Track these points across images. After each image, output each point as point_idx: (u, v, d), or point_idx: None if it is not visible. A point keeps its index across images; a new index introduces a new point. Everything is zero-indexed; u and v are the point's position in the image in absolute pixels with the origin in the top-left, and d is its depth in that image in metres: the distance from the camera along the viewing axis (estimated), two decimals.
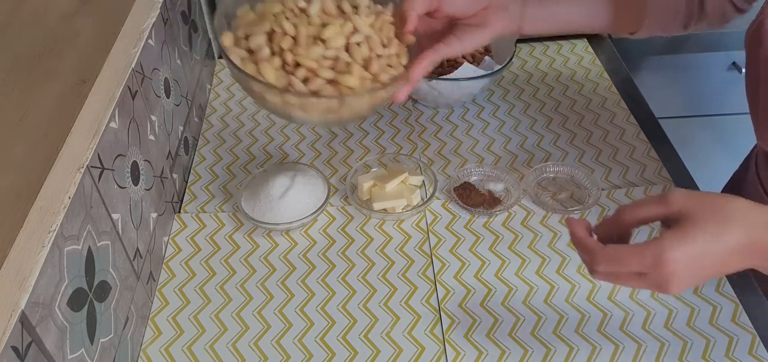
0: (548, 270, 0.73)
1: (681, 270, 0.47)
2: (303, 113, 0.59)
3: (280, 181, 0.78)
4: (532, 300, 0.70)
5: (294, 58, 0.57)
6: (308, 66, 0.57)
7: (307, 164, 0.86)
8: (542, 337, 0.66)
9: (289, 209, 0.76)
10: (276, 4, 0.60)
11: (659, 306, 0.68)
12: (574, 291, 0.70)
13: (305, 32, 0.58)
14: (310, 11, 0.59)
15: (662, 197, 0.50)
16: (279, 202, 0.76)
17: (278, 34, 0.58)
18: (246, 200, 0.79)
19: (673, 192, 0.50)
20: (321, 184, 0.80)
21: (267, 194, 0.77)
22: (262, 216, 0.76)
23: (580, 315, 0.68)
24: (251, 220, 0.76)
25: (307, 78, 0.57)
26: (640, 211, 0.51)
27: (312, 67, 0.57)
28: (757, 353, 0.63)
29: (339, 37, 0.59)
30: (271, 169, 0.83)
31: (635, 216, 0.51)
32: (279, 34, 0.58)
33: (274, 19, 0.59)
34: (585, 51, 1.10)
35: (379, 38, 0.61)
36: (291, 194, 0.77)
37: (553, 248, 0.75)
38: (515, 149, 0.90)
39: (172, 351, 0.67)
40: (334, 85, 0.58)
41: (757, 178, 0.70)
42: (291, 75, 0.57)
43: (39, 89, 0.57)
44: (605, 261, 0.49)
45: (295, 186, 0.78)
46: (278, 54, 0.58)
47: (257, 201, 0.77)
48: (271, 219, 0.76)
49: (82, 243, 0.54)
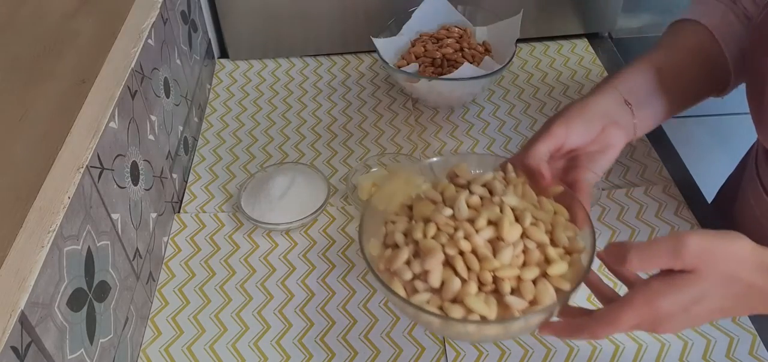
0: None
1: (674, 315, 0.48)
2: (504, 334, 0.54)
3: (280, 181, 0.78)
4: None
5: (483, 273, 0.51)
6: (507, 275, 0.51)
7: (306, 164, 0.86)
8: (543, 337, 0.66)
9: (289, 209, 0.76)
10: (421, 229, 0.55)
11: None
12: None
13: (482, 240, 0.52)
14: (459, 214, 0.54)
15: (677, 250, 0.47)
16: (279, 202, 0.76)
17: (453, 258, 0.52)
18: (246, 200, 0.79)
19: (687, 243, 0.47)
20: (321, 184, 0.80)
21: (267, 194, 0.77)
22: (262, 217, 0.76)
23: None
24: (251, 220, 0.76)
25: (512, 289, 0.52)
26: (648, 263, 0.49)
27: (513, 275, 0.51)
28: (758, 353, 0.63)
29: (514, 229, 0.53)
30: (271, 169, 0.83)
31: (644, 267, 0.50)
32: (454, 256, 0.52)
33: (440, 246, 0.53)
34: (585, 51, 1.09)
35: (532, 206, 0.56)
36: (291, 194, 0.77)
37: None
38: (515, 149, 0.90)
39: (172, 352, 0.67)
40: (539, 281, 0.52)
41: (758, 178, 0.70)
42: (497, 298, 0.51)
43: (39, 89, 0.57)
44: (604, 328, 0.50)
45: (295, 186, 0.78)
46: (457, 274, 0.52)
47: (257, 202, 0.77)
48: (271, 219, 0.76)
49: (82, 244, 0.54)
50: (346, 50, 1.10)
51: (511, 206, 0.54)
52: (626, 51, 1.17)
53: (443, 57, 0.95)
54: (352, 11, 1.04)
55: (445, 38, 0.98)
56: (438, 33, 1.00)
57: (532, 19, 1.06)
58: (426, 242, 0.54)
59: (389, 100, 1.00)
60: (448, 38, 0.98)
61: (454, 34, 0.99)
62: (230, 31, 1.06)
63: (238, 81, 1.06)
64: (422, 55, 0.96)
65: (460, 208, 0.54)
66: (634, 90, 0.64)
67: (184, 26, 0.92)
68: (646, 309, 0.48)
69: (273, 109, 0.99)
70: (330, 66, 1.08)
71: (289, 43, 1.08)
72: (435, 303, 0.52)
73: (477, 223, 0.53)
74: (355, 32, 1.06)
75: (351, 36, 1.08)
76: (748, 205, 0.73)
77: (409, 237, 0.56)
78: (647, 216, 0.78)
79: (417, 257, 0.54)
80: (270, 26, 1.05)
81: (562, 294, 0.51)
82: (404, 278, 0.54)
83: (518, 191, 0.57)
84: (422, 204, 0.58)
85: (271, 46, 1.08)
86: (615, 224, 0.77)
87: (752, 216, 0.72)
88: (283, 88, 1.03)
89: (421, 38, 0.99)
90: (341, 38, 1.08)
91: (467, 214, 0.54)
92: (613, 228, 0.76)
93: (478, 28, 1.02)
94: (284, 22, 1.05)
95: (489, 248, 0.53)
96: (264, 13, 1.04)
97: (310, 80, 1.05)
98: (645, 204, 0.79)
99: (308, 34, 1.07)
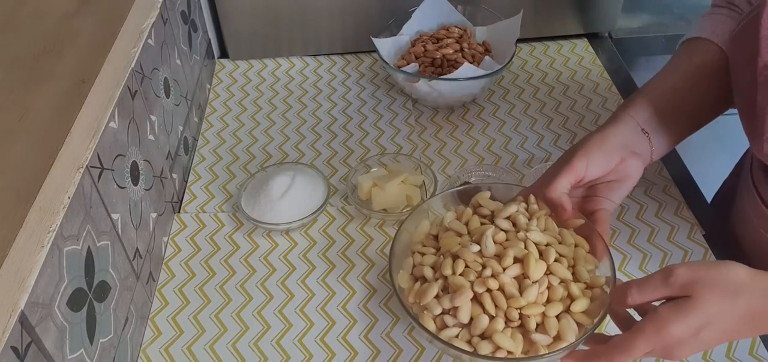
0: None
1: (684, 341, 0.49)
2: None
3: (280, 181, 0.78)
4: None
5: (510, 310, 0.54)
6: (533, 313, 0.54)
7: (307, 164, 0.86)
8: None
9: (289, 209, 0.76)
10: (449, 265, 0.57)
11: None
12: None
13: (509, 278, 0.55)
14: (486, 251, 0.57)
15: (666, 278, 0.50)
16: (279, 202, 0.76)
17: (482, 295, 0.55)
18: (246, 200, 0.79)
19: (676, 271, 0.50)
20: (321, 184, 0.80)
21: (267, 194, 0.77)
22: (262, 217, 0.76)
23: None
24: (251, 220, 0.76)
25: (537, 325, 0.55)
26: (645, 294, 0.51)
27: (539, 313, 0.54)
28: (758, 353, 0.63)
29: (539, 266, 0.56)
30: (271, 169, 0.83)
31: (642, 300, 0.52)
32: (483, 294, 0.55)
33: (469, 283, 0.56)
34: (585, 51, 1.09)
35: (555, 240, 0.59)
36: (291, 194, 0.77)
37: None
38: (515, 149, 0.90)
39: (172, 352, 0.67)
40: (563, 316, 0.55)
41: (753, 184, 0.70)
42: (523, 333, 0.54)
43: (39, 89, 0.57)
44: (620, 356, 0.51)
45: (295, 186, 0.78)
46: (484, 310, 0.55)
47: (257, 202, 0.77)
48: (271, 219, 0.76)
49: (82, 244, 0.54)
50: (346, 50, 1.10)
51: (535, 242, 0.57)
52: (626, 51, 1.17)
53: (443, 57, 0.95)
54: (352, 11, 1.04)
55: (445, 38, 0.98)
56: (438, 33, 1.00)
57: (532, 19, 1.06)
58: (455, 279, 0.57)
59: (389, 100, 1.00)
60: (448, 38, 0.98)
61: (454, 34, 0.99)
62: (230, 31, 1.06)
63: (238, 81, 1.06)
64: (422, 55, 0.96)
65: (487, 246, 0.58)
66: (650, 118, 0.65)
67: (184, 26, 0.92)
68: (658, 337, 0.49)
69: (273, 109, 0.99)
70: (330, 66, 1.08)
71: (289, 43, 1.08)
72: (464, 337, 0.55)
73: (504, 261, 0.56)
74: (355, 32, 1.06)
75: (351, 36, 1.07)
76: (743, 210, 0.73)
77: (437, 271, 0.59)
78: (647, 216, 0.78)
79: (445, 291, 0.57)
80: (270, 26, 1.05)
81: (584, 330, 0.55)
82: (434, 313, 0.56)
83: (541, 224, 0.60)
84: (449, 238, 0.61)
85: (271, 46, 1.08)
86: (615, 224, 0.77)
87: (748, 220, 0.71)
88: (283, 88, 1.03)
89: (421, 38, 1.00)
90: (341, 38, 1.08)
91: (494, 250, 0.57)
92: (613, 228, 0.76)
93: (478, 28, 1.02)
94: (284, 22, 1.05)
95: (515, 285, 0.56)
96: (264, 13, 1.04)
97: (310, 80, 1.05)
98: (645, 204, 0.79)
99: (308, 34, 1.07)
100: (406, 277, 0.61)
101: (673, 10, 1.28)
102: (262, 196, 0.77)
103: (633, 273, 0.71)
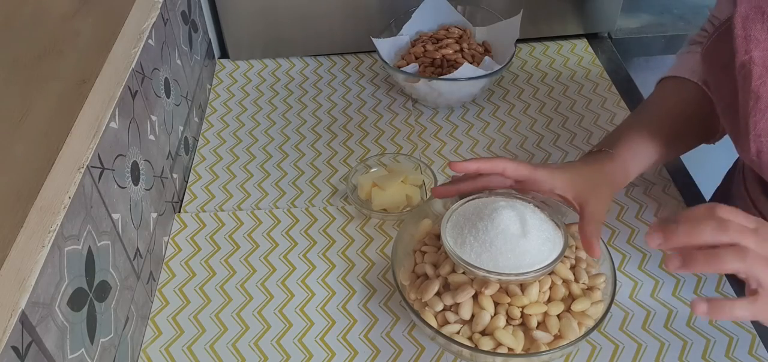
0: None
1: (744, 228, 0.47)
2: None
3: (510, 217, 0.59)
4: None
5: (512, 308, 0.56)
6: (535, 312, 0.56)
7: (536, 202, 0.64)
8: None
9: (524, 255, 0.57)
10: (450, 264, 0.59)
11: (659, 306, 0.68)
12: None
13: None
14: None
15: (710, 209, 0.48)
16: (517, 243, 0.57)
17: (483, 293, 0.57)
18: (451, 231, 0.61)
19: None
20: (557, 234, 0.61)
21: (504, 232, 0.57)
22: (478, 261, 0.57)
23: None
24: (465, 264, 0.57)
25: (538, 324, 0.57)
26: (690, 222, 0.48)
27: (540, 312, 0.56)
28: (757, 353, 0.63)
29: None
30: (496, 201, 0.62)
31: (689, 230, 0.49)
32: (483, 292, 0.57)
33: (470, 280, 0.57)
34: (585, 51, 1.10)
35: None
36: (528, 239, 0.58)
37: None
38: (515, 149, 0.90)
39: (172, 351, 0.67)
40: (563, 315, 0.57)
41: (746, 192, 0.70)
42: (524, 331, 0.56)
43: (39, 89, 0.57)
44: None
45: (530, 229, 0.58)
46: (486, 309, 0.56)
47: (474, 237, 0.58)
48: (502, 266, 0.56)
49: (82, 243, 0.54)
50: (346, 50, 1.10)
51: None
52: (626, 51, 1.18)
53: (443, 57, 0.95)
54: (352, 11, 1.04)
55: (444, 38, 0.98)
56: (438, 33, 1.00)
57: (531, 19, 1.06)
58: (456, 277, 0.57)
59: (389, 100, 1.00)
60: (448, 38, 0.98)
61: (454, 34, 1.00)
62: (230, 31, 1.06)
63: (239, 81, 1.06)
64: (422, 56, 0.96)
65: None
66: (630, 158, 0.68)
67: (185, 26, 0.92)
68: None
69: (273, 109, 0.99)
70: (330, 66, 1.08)
71: (289, 43, 1.08)
72: (465, 334, 0.56)
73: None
74: (355, 32, 1.06)
75: (351, 36, 1.08)
76: None
77: (438, 269, 0.60)
78: (647, 216, 0.78)
79: (447, 289, 0.58)
80: (270, 26, 1.05)
81: (584, 329, 0.56)
82: (435, 309, 0.57)
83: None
84: None
85: (271, 46, 1.08)
86: (615, 224, 0.77)
87: None
88: (283, 88, 1.04)
89: (421, 38, 1.00)
90: (341, 38, 1.08)
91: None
92: (613, 228, 0.77)
93: (478, 28, 1.02)
94: (284, 22, 1.05)
95: (517, 283, 0.57)
96: (264, 14, 1.04)
97: (310, 80, 1.05)
98: (644, 204, 0.79)
99: (308, 34, 1.07)
100: (408, 275, 0.62)
101: (673, 10, 1.28)
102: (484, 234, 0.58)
103: (633, 273, 0.71)
